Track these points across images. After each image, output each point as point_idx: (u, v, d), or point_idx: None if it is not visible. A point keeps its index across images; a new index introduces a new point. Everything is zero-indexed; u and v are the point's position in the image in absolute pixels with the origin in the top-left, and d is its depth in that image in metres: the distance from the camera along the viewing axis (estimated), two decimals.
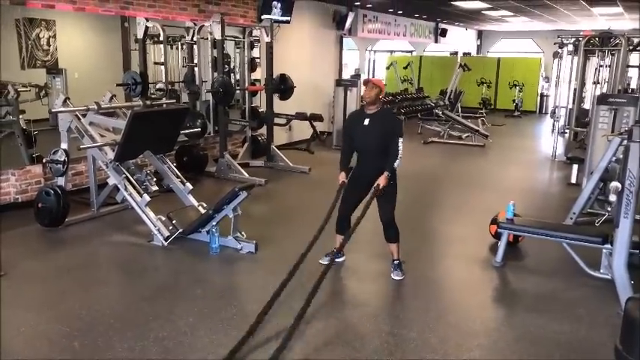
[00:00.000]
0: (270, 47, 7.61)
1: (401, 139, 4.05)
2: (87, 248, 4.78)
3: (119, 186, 4.92)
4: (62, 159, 5.08)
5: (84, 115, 5.09)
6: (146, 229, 4.96)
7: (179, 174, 5.34)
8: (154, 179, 5.17)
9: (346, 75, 11.91)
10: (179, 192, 5.30)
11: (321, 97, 10.40)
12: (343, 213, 4.31)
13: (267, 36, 7.55)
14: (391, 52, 19.33)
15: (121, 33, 8.62)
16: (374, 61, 17.62)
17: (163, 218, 4.85)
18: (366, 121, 4.13)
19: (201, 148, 7.52)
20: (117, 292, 3.98)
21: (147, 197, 4.85)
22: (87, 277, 4.17)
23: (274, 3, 8.44)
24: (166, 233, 4.78)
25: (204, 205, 5.22)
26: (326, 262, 4.19)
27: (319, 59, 10.48)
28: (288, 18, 8.74)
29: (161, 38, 7.30)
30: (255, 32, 7.99)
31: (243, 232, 4.79)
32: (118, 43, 8.60)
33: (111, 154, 4.94)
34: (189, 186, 5.27)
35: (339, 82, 9.74)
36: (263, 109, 8.15)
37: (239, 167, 7.30)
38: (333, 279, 4.21)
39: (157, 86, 7.39)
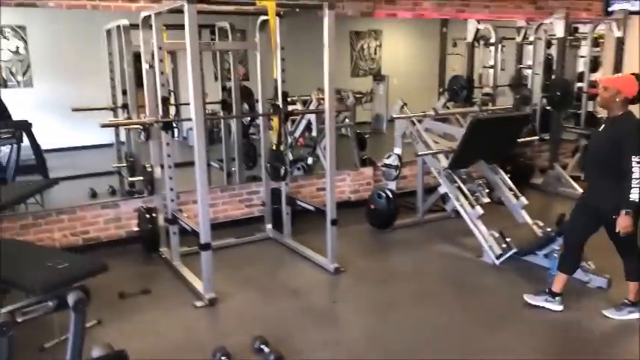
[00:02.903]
0: (620, 43, 6.49)
1: (636, 158, 3.04)
2: (415, 255, 4.73)
3: (450, 195, 4.75)
4: (395, 164, 5.15)
5: (419, 121, 5.05)
6: (474, 242, 4.67)
7: (512, 186, 4.88)
8: (486, 190, 4.83)
9: None
10: (510, 206, 4.84)
11: None
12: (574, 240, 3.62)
13: (619, 29, 6.44)
14: None
15: (439, 38, 8.64)
16: None
17: (496, 234, 4.47)
18: (602, 127, 3.34)
19: (527, 158, 6.89)
20: (448, 310, 3.74)
21: (479, 210, 4.55)
22: (416, 288, 4.08)
23: None
24: (498, 251, 4.40)
25: (540, 223, 4.66)
26: None
27: None
28: (638, 8, 7.35)
29: (491, 40, 6.92)
30: (600, 27, 6.93)
31: (590, 262, 4.08)
32: (435, 48, 8.60)
33: (444, 162, 4.79)
34: (523, 200, 4.77)
35: None
36: (600, 114, 7.04)
37: (571, 181, 6.42)
38: None
39: (484, 90, 7.03)
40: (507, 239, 4.40)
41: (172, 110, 4.27)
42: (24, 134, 5.24)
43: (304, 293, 3.96)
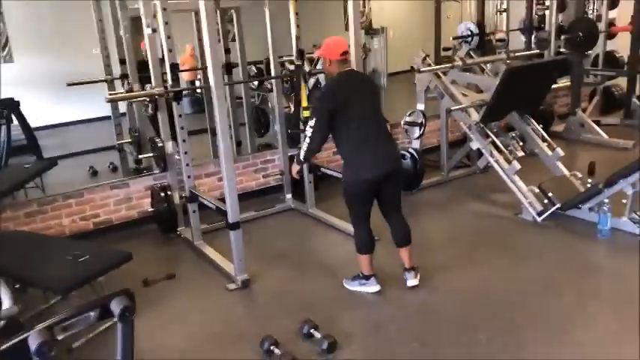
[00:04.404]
0: None
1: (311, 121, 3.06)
2: (449, 217, 4.47)
3: (484, 151, 4.45)
4: (419, 121, 4.82)
5: (444, 73, 4.70)
6: (508, 198, 4.43)
7: (547, 137, 4.60)
8: (520, 143, 4.54)
9: None
10: (545, 158, 4.57)
11: None
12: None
13: None
14: None
15: None
16: None
17: (536, 190, 4.21)
18: None
19: (546, 104, 6.58)
20: (502, 276, 3.47)
21: (516, 165, 4.26)
22: (459, 253, 3.80)
23: None
24: (539, 207, 4.14)
25: (578, 174, 4.40)
26: None
27: None
28: None
29: None
30: None
31: (639, 213, 3.85)
32: None
33: (475, 115, 4.47)
34: (559, 152, 4.49)
35: None
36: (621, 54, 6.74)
37: (595, 127, 6.15)
38: None
39: (497, 36, 6.65)
40: (549, 194, 4.14)
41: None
42: (12, 114, 4.84)
43: (341, 267, 3.67)
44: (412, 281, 3.28)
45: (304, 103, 3.95)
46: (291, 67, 4.72)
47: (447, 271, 3.51)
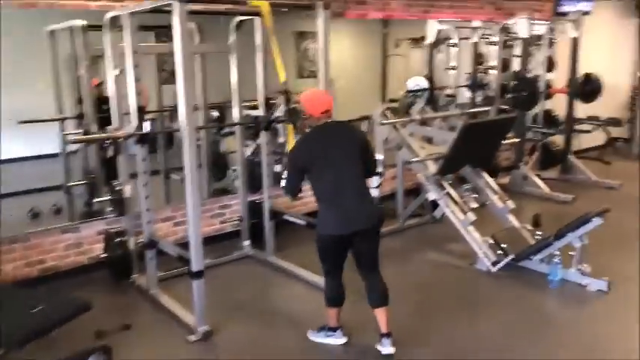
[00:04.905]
0: (576, 43, 6.65)
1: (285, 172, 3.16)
2: (408, 266, 4.53)
3: (440, 202, 4.58)
4: (379, 170, 4.91)
5: (402, 126, 4.86)
6: (463, 248, 4.56)
7: (498, 190, 4.80)
8: (474, 195, 4.71)
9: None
10: (497, 210, 4.76)
11: (616, 97, 8.94)
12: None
13: (576, 30, 6.59)
14: None
15: (381, 39, 8.44)
16: None
17: (490, 241, 4.36)
18: None
19: None
20: (463, 334, 3.48)
21: (472, 216, 4.42)
22: (420, 303, 3.86)
23: None
24: (494, 258, 4.29)
25: (528, 227, 4.62)
26: None
27: (615, 54, 9.03)
28: (589, 9, 7.61)
29: (452, 41, 6.87)
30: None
31: (586, 265, 4.05)
32: (377, 49, 8.37)
33: (432, 168, 4.62)
34: (510, 204, 4.69)
35: None
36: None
37: (537, 180, 6.50)
38: None
39: (446, 92, 6.96)
40: (503, 245, 4.30)
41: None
42: None
43: (305, 317, 3.61)
44: (388, 349, 3.10)
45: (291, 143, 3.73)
46: (253, 113, 4.74)
47: (410, 327, 3.49)
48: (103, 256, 4.15)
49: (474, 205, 4.67)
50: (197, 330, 3.36)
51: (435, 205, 4.96)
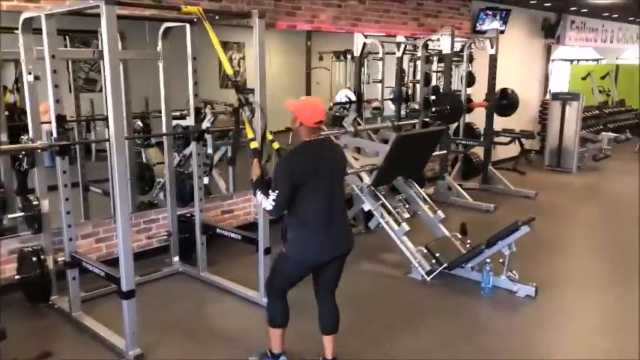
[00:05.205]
0: (494, 60, 6.99)
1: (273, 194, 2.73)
2: (344, 278, 4.37)
3: (375, 212, 4.61)
4: None
5: (336, 138, 4.86)
6: (397, 258, 4.63)
7: (428, 200, 4.92)
8: (407, 206, 4.79)
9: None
10: (428, 220, 4.87)
11: (528, 111, 9.53)
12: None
13: (492, 47, 6.93)
14: (571, 61, 17.53)
15: (305, 52, 8.50)
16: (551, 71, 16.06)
17: (424, 250, 4.44)
18: None
19: None
20: (404, 339, 3.53)
21: (406, 226, 4.48)
22: (360, 317, 3.80)
23: (490, 12, 7.84)
24: (427, 267, 4.37)
25: (458, 235, 4.75)
26: None
27: (526, 71, 9.65)
28: (504, 28, 8.07)
29: (379, 55, 7.02)
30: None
31: (514, 272, 4.22)
32: (300, 62, 8.41)
33: (367, 179, 4.65)
34: (440, 214, 4.81)
35: (555, 96, 8.81)
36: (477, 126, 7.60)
37: (461, 190, 6.74)
38: None
39: (374, 105, 7.08)
40: (436, 254, 4.39)
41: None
42: None
43: (242, 336, 3.48)
44: None
45: (250, 135, 3.30)
46: (183, 123, 4.57)
47: (349, 342, 3.41)
48: (17, 277, 3.79)
49: (406, 215, 4.74)
50: (128, 354, 3.14)
51: (368, 215, 4.97)
